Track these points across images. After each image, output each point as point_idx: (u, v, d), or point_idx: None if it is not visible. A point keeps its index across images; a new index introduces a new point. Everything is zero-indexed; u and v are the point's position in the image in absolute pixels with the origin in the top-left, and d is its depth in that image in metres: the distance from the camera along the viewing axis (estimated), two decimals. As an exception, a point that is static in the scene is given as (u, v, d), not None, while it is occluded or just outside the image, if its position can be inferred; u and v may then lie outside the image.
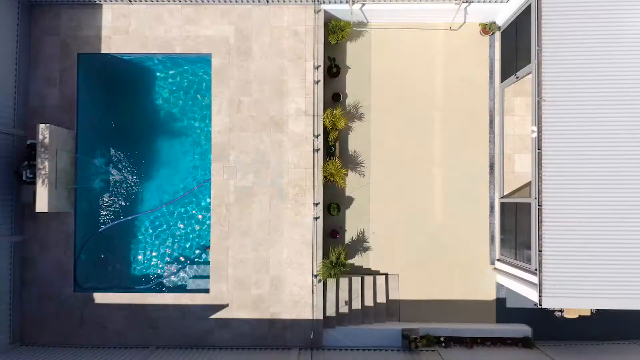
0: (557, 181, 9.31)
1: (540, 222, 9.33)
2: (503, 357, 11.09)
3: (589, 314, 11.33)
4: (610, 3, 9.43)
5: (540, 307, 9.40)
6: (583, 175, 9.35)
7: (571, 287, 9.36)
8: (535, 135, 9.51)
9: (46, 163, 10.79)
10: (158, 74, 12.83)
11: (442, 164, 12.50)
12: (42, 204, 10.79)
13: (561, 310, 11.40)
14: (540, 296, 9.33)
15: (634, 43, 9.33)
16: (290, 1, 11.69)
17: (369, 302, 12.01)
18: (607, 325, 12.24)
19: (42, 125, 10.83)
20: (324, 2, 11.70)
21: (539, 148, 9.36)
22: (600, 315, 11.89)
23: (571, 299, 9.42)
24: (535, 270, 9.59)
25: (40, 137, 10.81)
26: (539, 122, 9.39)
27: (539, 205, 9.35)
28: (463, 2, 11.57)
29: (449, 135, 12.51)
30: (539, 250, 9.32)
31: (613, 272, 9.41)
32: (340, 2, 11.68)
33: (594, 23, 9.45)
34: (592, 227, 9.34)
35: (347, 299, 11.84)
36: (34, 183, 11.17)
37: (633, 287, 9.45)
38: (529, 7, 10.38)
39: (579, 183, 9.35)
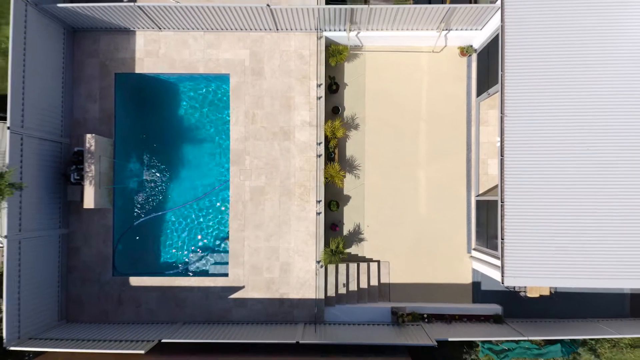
0: (516, 182, 11.37)
1: (502, 216, 11.40)
2: (476, 330, 13.16)
3: (548, 293, 13.45)
4: (561, 41, 11.44)
5: (503, 285, 11.42)
6: (537, 177, 11.39)
7: (528, 269, 11.39)
8: (499, 144, 11.58)
9: (92, 167, 12.84)
10: (184, 90, 14.87)
11: (426, 168, 14.56)
12: (89, 201, 12.84)
13: (524, 290, 13.53)
14: (502, 276, 11.38)
15: (580, 72, 11.36)
16: (296, 29, 13.74)
17: (363, 284, 14.08)
18: (567, 306, 14.32)
19: (88, 135, 12.87)
20: (325, 30, 13.76)
21: (502, 155, 11.42)
22: (559, 297, 14.02)
23: (527, 278, 11.46)
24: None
25: (87, 145, 12.86)
26: (501, 134, 11.45)
27: (501, 202, 11.42)
28: (443, 30, 13.64)
29: (432, 142, 14.57)
30: (502, 239, 11.39)
31: (563, 257, 11.41)
32: (339, 30, 13.74)
33: (548, 54, 11.47)
34: (545, 219, 11.37)
35: (345, 282, 13.91)
36: (80, 184, 13.19)
37: (580, 268, 11.45)
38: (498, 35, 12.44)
39: (534, 184, 11.39)
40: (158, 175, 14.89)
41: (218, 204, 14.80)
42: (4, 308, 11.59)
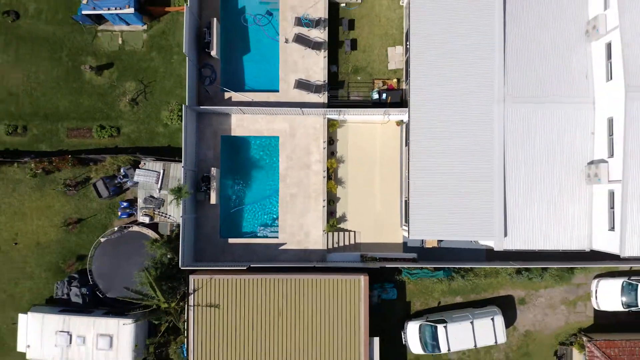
0: (419, 185, 24.78)
1: (408, 205, 24.81)
2: (401, 264, 26.64)
3: (437, 245, 27.10)
4: (441, 120, 24.94)
5: (409, 238, 24.76)
6: (428, 182, 24.79)
7: (422, 231, 24.76)
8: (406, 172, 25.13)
9: (214, 184, 26.42)
10: (256, 143, 28.51)
11: (380, 183, 28.00)
12: (213, 200, 26.41)
13: (424, 245, 27.12)
14: (408, 235, 24.74)
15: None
16: (312, 114, 27.33)
17: (347, 243, 27.56)
18: (451, 254, 27.61)
19: (213, 168, 26.43)
20: (327, 114, 27.34)
21: (408, 178, 24.88)
22: (447, 250, 27.50)
23: (423, 235, 24.95)
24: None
25: (212, 173, 26.44)
26: (408, 166, 24.91)
27: (407, 199, 24.85)
28: (386, 115, 27.19)
29: (383, 171, 28.01)
30: (407, 216, 24.80)
31: (443, 222, 24.73)
32: (334, 114, 27.32)
33: (434, 130, 24.94)
34: (431, 204, 24.76)
35: (337, 241, 27.42)
36: (206, 192, 26.71)
37: (452, 229, 24.84)
38: (410, 120, 25.92)
39: (425, 186, 24.80)
40: (243, 185, 28.46)
41: (273, 201, 28.39)
42: (179, 250, 25.10)
